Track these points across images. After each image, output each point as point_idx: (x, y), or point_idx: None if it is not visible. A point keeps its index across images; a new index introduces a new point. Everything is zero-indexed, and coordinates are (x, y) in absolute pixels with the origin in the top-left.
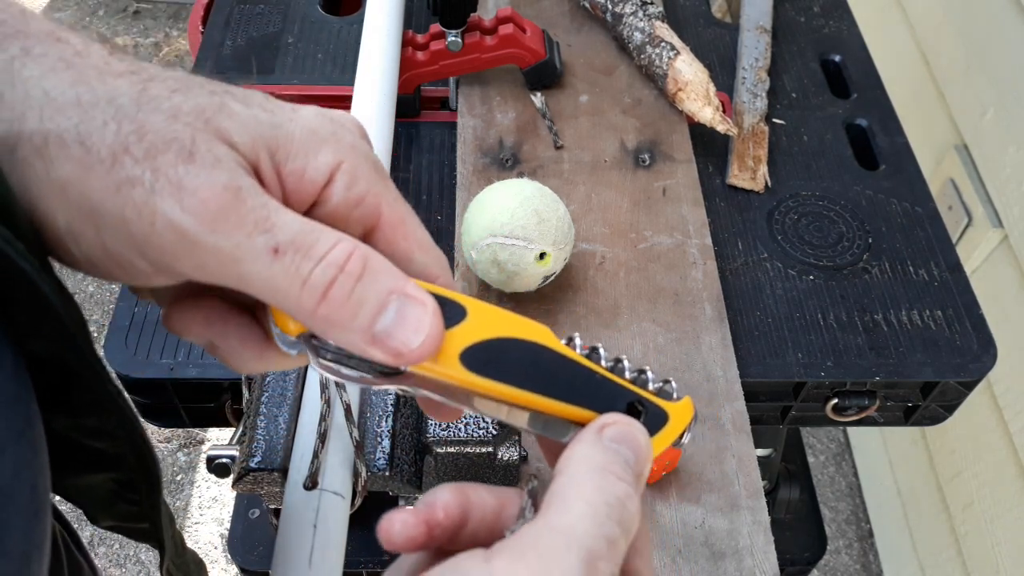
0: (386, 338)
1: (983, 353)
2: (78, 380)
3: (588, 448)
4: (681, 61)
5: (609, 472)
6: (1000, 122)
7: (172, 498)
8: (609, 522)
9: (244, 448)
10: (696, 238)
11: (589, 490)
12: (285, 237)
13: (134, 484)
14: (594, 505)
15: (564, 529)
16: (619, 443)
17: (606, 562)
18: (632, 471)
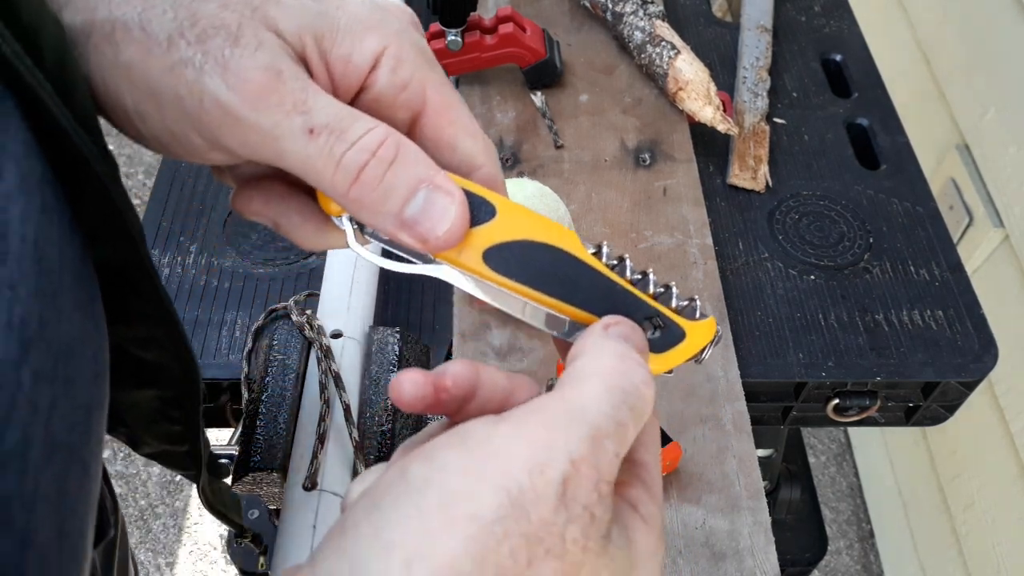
0: (413, 224)
1: (984, 353)
2: (134, 289)
3: (603, 339)
4: (682, 60)
5: (629, 358)
6: (1001, 122)
7: (172, 498)
8: (623, 406)
9: (243, 448)
10: (697, 238)
11: (608, 371)
12: (321, 119)
13: (177, 401)
14: (610, 386)
15: (575, 403)
16: (625, 340)
17: (612, 442)
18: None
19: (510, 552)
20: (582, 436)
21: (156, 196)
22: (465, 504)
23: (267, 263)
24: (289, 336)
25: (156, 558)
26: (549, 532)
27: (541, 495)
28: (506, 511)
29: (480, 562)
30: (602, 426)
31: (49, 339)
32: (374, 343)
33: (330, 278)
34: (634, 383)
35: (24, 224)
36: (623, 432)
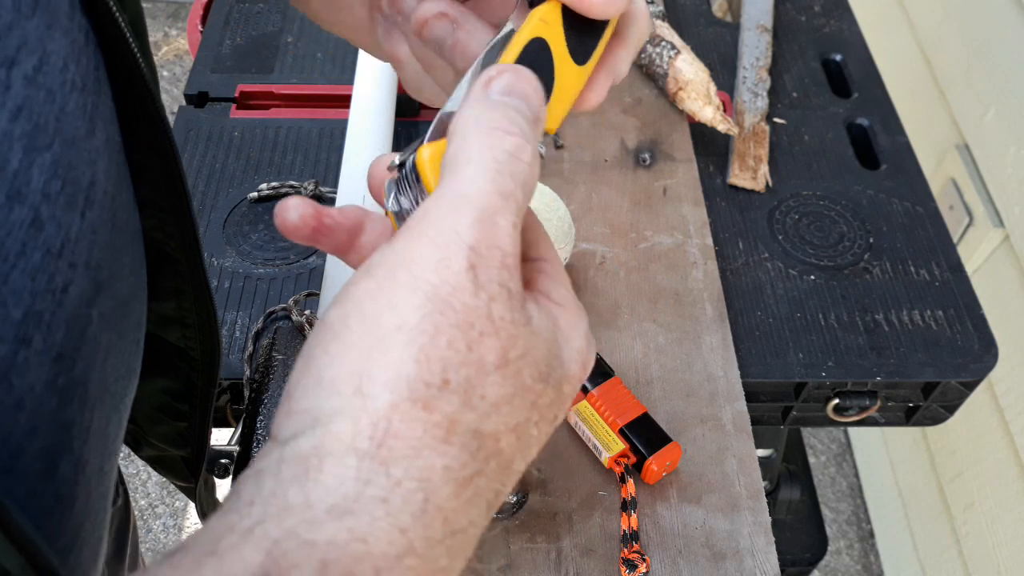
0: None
1: (984, 353)
2: (172, 263)
3: (474, 108)
4: (682, 60)
5: (496, 129)
6: (1001, 121)
7: (172, 498)
8: (500, 176)
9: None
10: (697, 238)
11: (476, 150)
12: None
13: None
14: (483, 163)
15: (455, 192)
16: (507, 95)
17: (503, 216)
18: (525, 119)
19: (448, 343)
20: (471, 221)
21: None
22: (387, 319)
23: (267, 263)
24: (289, 336)
25: (156, 558)
26: (476, 315)
27: (455, 285)
28: (428, 308)
29: (424, 360)
30: (487, 204)
31: (113, 289)
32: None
33: (330, 278)
34: (506, 151)
35: (107, 180)
36: (511, 203)
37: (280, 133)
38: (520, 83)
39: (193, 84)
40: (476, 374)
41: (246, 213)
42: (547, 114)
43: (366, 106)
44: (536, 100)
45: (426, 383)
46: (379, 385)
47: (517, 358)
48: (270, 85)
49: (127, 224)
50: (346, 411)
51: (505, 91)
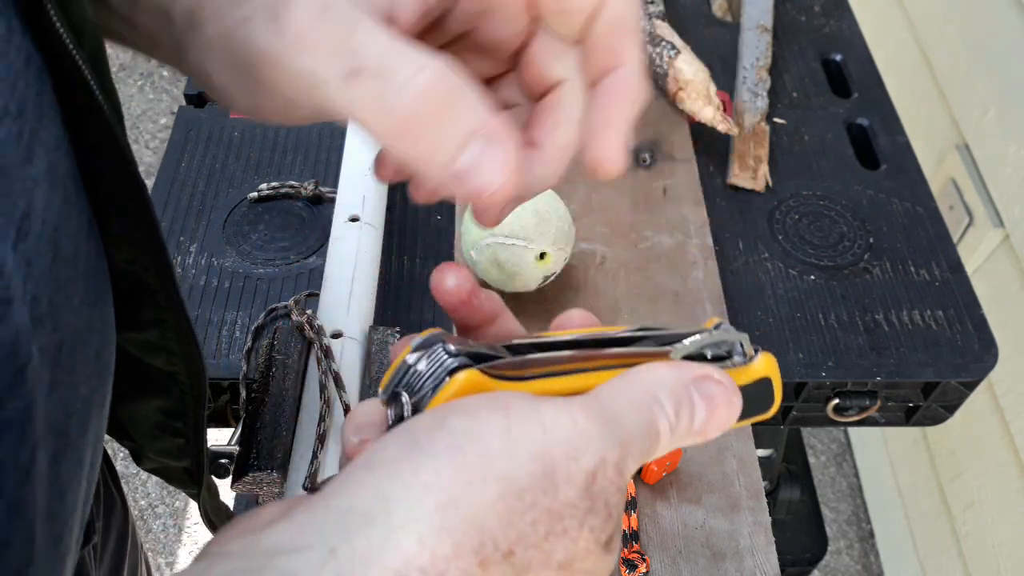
0: (466, 176)
1: (984, 353)
2: (149, 293)
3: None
4: (682, 60)
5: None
6: (1001, 121)
7: (172, 498)
8: (645, 436)
9: (243, 448)
10: (697, 238)
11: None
12: (366, 60)
13: (181, 413)
14: (640, 410)
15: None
16: (703, 399)
17: (632, 459)
18: (689, 421)
19: (532, 521)
20: (616, 440)
21: (156, 196)
22: (503, 463)
23: (267, 263)
24: (289, 336)
25: (156, 558)
26: (571, 514)
27: (571, 478)
28: (538, 482)
29: (505, 522)
30: (630, 444)
31: (56, 322)
32: (374, 343)
33: (330, 278)
34: (658, 427)
35: (46, 210)
36: (639, 458)
37: (280, 133)
38: (721, 401)
39: (193, 84)
40: (539, 561)
41: (246, 213)
42: None
43: None
44: (714, 426)
45: (495, 545)
46: (461, 518)
47: (579, 571)
48: None
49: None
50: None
51: (706, 396)
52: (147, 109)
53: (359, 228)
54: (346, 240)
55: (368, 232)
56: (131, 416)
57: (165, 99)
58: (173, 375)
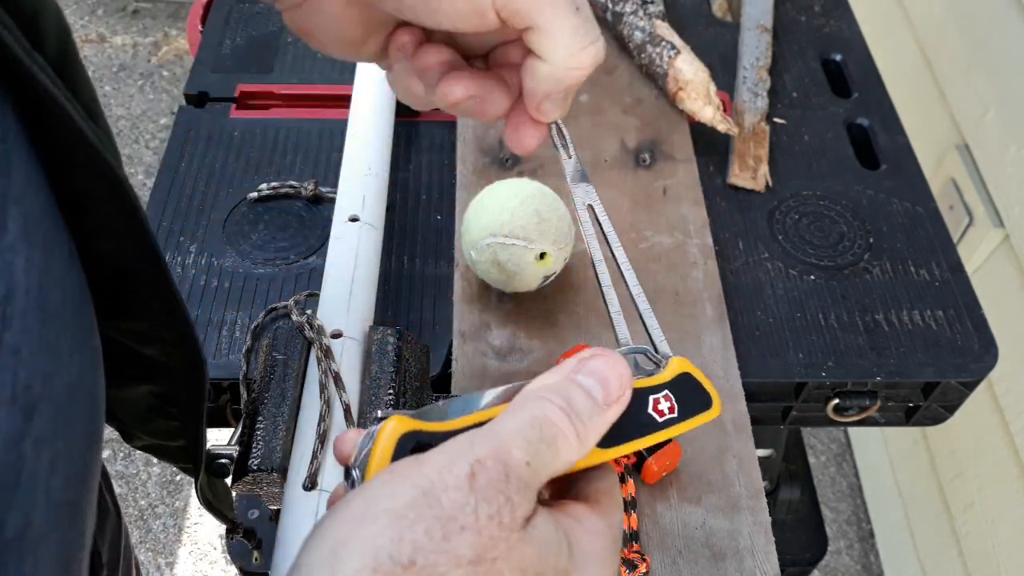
0: None
1: (984, 353)
2: (137, 282)
3: (550, 378)
4: (682, 60)
5: (543, 399)
6: (1001, 121)
7: (171, 498)
8: (531, 429)
9: (243, 448)
10: (697, 238)
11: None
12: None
13: (174, 397)
14: (522, 416)
15: (488, 428)
16: (586, 375)
17: (520, 451)
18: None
19: (425, 531)
20: (487, 444)
21: (156, 196)
22: (384, 502)
23: (267, 263)
24: (289, 336)
25: (156, 558)
26: (462, 511)
27: (450, 485)
28: (417, 500)
29: (397, 540)
30: (508, 439)
31: (51, 395)
32: (374, 343)
33: (330, 278)
34: (548, 416)
35: (28, 274)
36: (532, 447)
37: (280, 133)
38: (604, 368)
39: (193, 84)
40: (447, 562)
41: (246, 213)
42: None
43: (366, 106)
44: (614, 388)
45: (392, 558)
46: (350, 551)
47: (497, 559)
48: (270, 85)
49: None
50: (321, 568)
51: (588, 372)
52: (147, 109)
53: (359, 228)
54: (346, 240)
55: (368, 232)
56: (121, 400)
57: (165, 99)
58: (167, 364)
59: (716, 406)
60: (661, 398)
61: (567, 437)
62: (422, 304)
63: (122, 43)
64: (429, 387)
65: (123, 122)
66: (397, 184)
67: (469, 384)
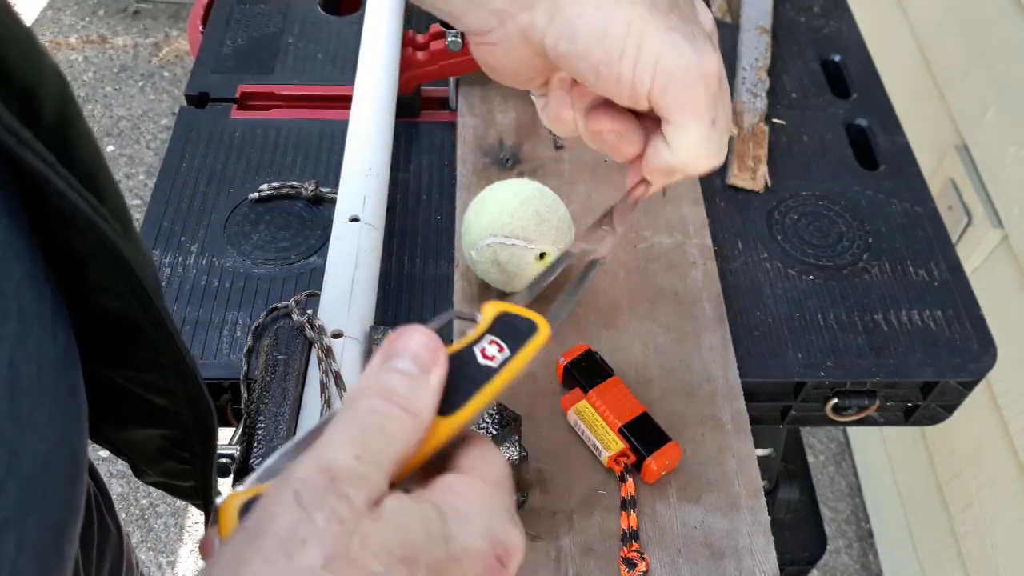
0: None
1: (983, 353)
2: (145, 337)
3: (362, 377)
4: None
5: (356, 397)
6: (1000, 122)
7: (172, 498)
8: (349, 427)
9: (244, 448)
10: (696, 238)
11: (340, 414)
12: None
13: (185, 442)
14: (340, 423)
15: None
16: (389, 359)
17: (345, 450)
18: (403, 375)
19: (264, 559)
20: (308, 463)
21: (157, 197)
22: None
23: (267, 263)
24: (290, 336)
25: (157, 557)
26: (297, 526)
27: (278, 513)
28: (249, 534)
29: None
30: (328, 448)
31: (21, 471)
32: (374, 343)
33: (331, 278)
34: (366, 408)
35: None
36: (356, 442)
37: (281, 134)
38: (403, 342)
39: (194, 85)
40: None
41: (247, 213)
42: None
43: (367, 107)
44: (423, 353)
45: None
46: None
47: (350, 551)
48: (271, 86)
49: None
50: None
51: (390, 353)
52: (148, 110)
53: (359, 228)
54: (346, 240)
55: (368, 232)
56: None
57: (166, 99)
58: (178, 413)
59: (543, 327)
60: (487, 345)
61: (394, 417)
62: (422, 304)
63: (123, 44)
64: None
65: (124, 122)
66: (397, 184)
67: None
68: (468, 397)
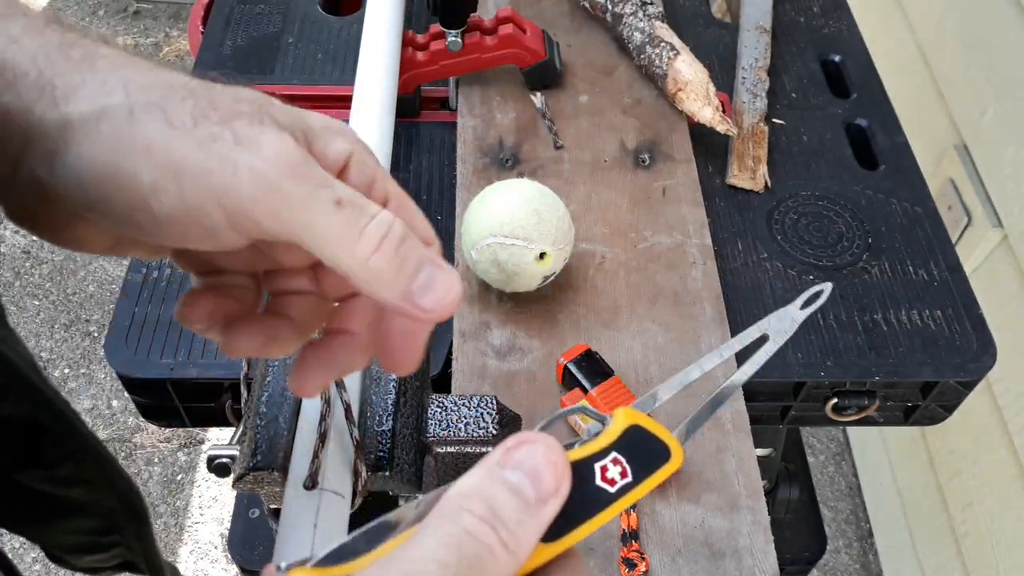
0: (421, 293)
1: (983, 353)
2: (49, 434)
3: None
4: (681, 61)
5: (462, 509)
6: (1000, 122)
7: (172, 498)
8: (443, 550)
9: (244, 448)
10: (696, 238)
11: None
12: (345, 193)
13: (114, 528)
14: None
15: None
16: (512, 468)
17: None
18: (519, 500)
19: None
20: None
21: None
22: None
23: None
24: None
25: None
26: None
27: None
28: None
29: None
30: (419, 570)
31: None
32: None
33: None
34: (462, 526)
35: None
36: (446, 572)
37: None
38: (533, 458)
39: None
40: None
41: None
42: None
43: (366, 107)
44: (548, 481)
45: None
46: None
47: None
48: (271, 86)
49: None
50: None
51: (514, 465)
52: None
53: None
54: None
55: None
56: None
57: None
58: (98, 500)
59: (676, 454)
60: (609, 463)
61: (493, 552)
62: None
63: (123, 44)
64: (429, 387)
65: None
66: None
67: (469, 384)
68: (576, 524)
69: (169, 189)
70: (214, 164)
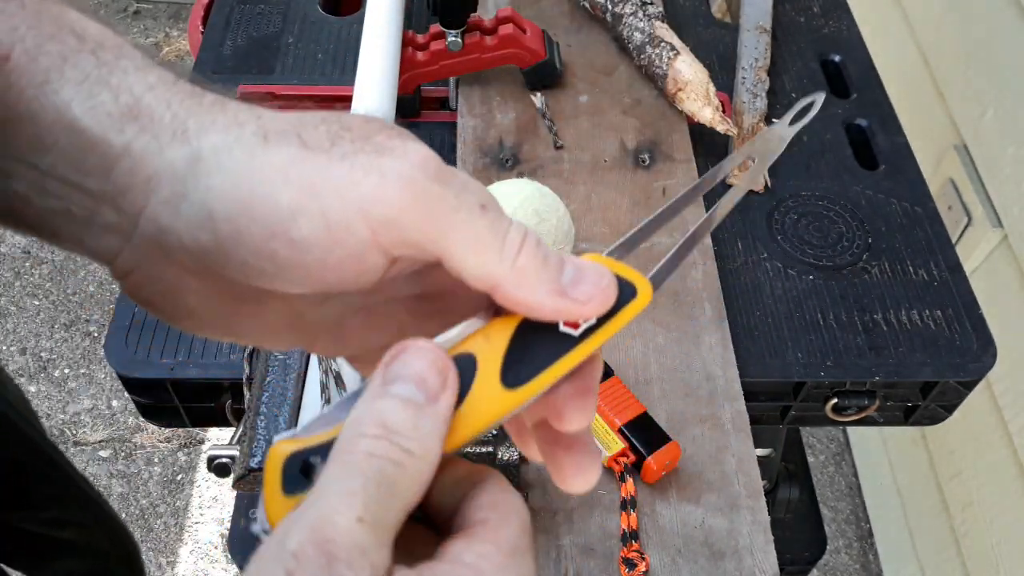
0: (572, 287)
1: (983, 353)
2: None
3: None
4: (681, 61)
5: (355, 435)
6: (1000, 122)
7: (173, 497)
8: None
9: (244, 448)
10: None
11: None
12: (487, 198)
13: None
14: (336, 466)
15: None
16: (393, 381)
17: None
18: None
19: None
20: (302, 530)
21: None
22: None
23: None
24: None
25: (157, 557)
26: None
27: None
28: None
29: None
30: (326, 508)
31: None
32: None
33: None
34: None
35: None
36: (357, 499)
37: None
38: (409, 363)
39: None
40: None
41: None
42: None
43: (366, 107)
44: (432, 378)
45: None
46: None
47: None
48: (271, 86)
49: None
50: None
51: (392, 377)
52: None
53: None
54: None
55: None
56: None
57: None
58: (90, 542)
59: (643, 293)
60: None
61: (398, 462)
62: None
63: None
64: None
65: None
66: None
67: None
68: (539, 370)
69: (310, 208)
70: (359, 175)
